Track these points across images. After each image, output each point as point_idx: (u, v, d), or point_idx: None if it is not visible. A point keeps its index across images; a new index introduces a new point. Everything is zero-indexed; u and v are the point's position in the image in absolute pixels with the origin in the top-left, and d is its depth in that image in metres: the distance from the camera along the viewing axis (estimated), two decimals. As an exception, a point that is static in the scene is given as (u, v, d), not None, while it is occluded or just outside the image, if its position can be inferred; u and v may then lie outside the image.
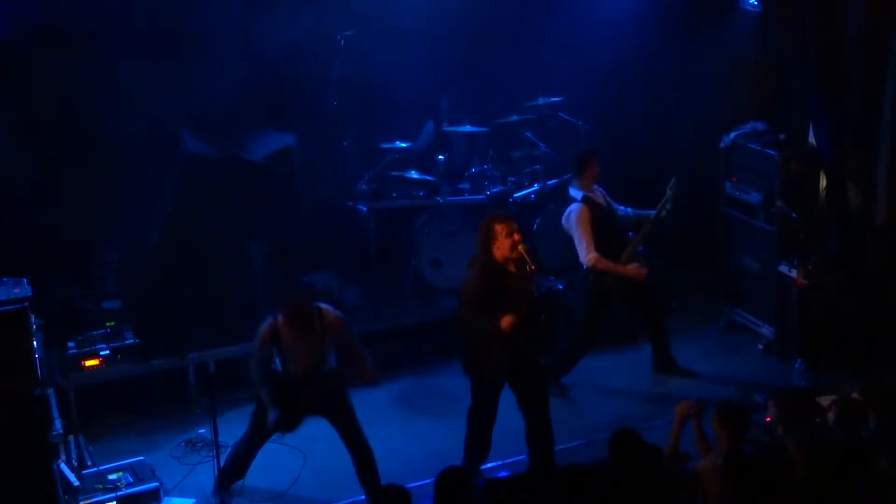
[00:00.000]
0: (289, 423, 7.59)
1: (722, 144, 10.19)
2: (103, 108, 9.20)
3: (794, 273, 9.44)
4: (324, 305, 7.57)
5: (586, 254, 8.90)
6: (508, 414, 7.93)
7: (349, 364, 7.57)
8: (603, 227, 8.97)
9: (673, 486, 6.33)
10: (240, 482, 7.85)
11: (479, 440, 7.87)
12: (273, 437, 7.74)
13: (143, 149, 9.47)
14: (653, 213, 9.11)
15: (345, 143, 10.72)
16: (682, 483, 6.41)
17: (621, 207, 9.36)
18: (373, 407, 9.06)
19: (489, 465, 8.06)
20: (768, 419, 7.06)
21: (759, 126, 10.09)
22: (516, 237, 7.45)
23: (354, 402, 7.73)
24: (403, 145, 10.52)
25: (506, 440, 8.08)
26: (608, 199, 9.25)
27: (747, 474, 6.13)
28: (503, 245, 7.48)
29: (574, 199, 9.02)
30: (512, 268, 7.53)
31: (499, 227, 7.50)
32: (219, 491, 7.72)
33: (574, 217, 8.96)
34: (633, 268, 8.93)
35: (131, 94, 9.23)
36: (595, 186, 9.18)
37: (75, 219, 9.36)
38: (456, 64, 10.86)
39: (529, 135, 10.92)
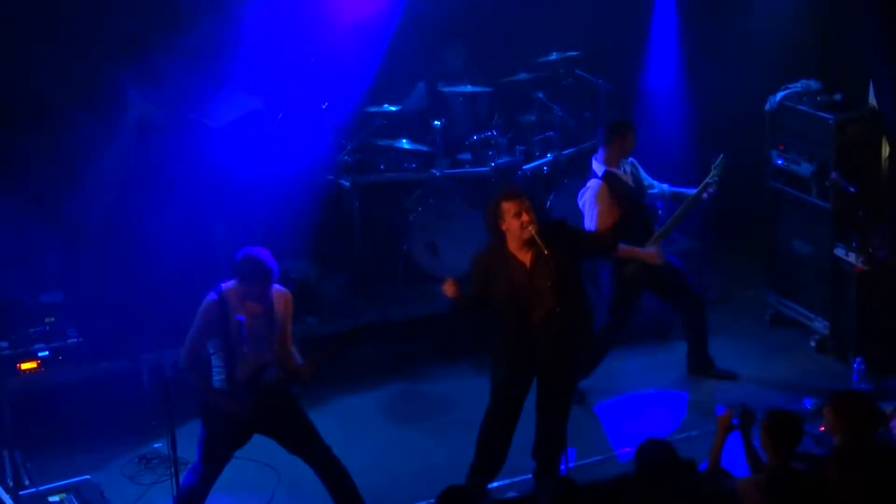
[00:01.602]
0: (238, 438, 7.58)
1: (768, 106, 10.22)
2: (36, 64, 9.22)
3: (851, 257, 9.48)
4: (274, 285, 7.51)
5: None
6: (519, 426, 8.01)
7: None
8: (626, 211, 8.99)
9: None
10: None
11: (489, 451, 7.92)
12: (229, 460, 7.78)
13: (85, 113, 9.49)
14: (693, 191, 9.15)
15: (323, 107, 10.75)
16: (720, 503, 6.46)
17: (657, 183, 9.39)
18: (358, 415, 9.13)
19: (495, 484, 8.13)
20: (822, 428, 7.11)
21: (812, 85, 10.11)
22: (525, 217, 7.49)
23: (338, 409, 7.77)
24: (393, 109, 10.55)
25: (514, 455, 8.14)
26: (640, 175, 9.26)
27: (795, 493, 6.17)
28: (512, 226, 7.53)
29: (594, 175, 9.07)
30: (526, 255, 7.57)
31: (506, 206, 7.55)
32: None
33: (590, 195, 9.00)
34: (647, 251, 8.99)
35: (69, 48, 9.26)
36: (629, 160, 9.21)
37: (6, 197, 9.39)
38: (455, 12, 10.89)
39: (541, 96, 10.96)
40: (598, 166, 9.09)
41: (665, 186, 9.41)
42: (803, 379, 9.44)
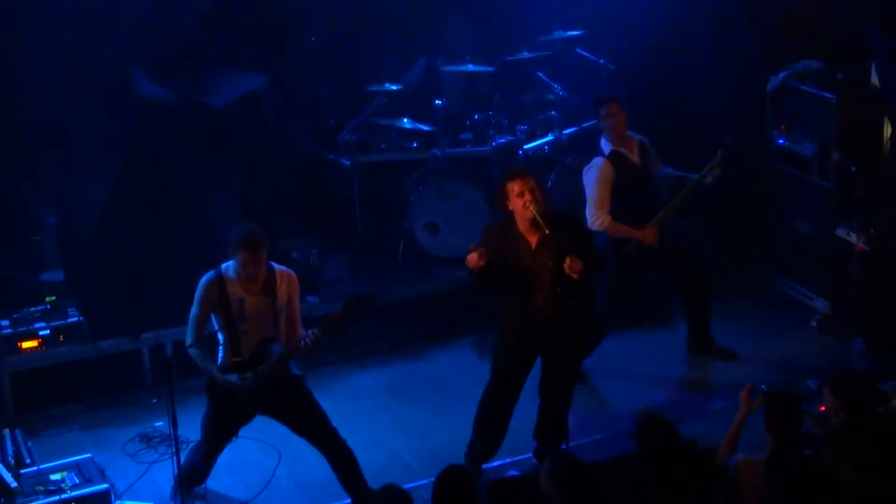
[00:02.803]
0: (241, 416, 7.61)
1: (769, 86, 10.21)
2: (39, 44, 9.21)
3: (853, 237, 9.48)
4: (275, 264, 7.54)
5: (595, 216, 8.95)
6: (519, 405, 8.01)
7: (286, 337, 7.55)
8: (632, 190, 9.00)
9: (712, 486, 6.40)
10: (202, 486, 7.91)
11: (487, 430, 7.94)
12: (232, 438, 7.80)
13: (88, 93, 9.49)
14: (695, 176, 9.16)
15: (324, 86, 10.74)
16: (722, 482, 6.47)
17: (668, 169, 9.39)
18: (359, 395, 9.15)
19: (496, 463, 8.14)
20: (822, 408, 7.12)
21: (814, 64, 10.10)
22: (528, 196, 7.48)
23: (339, 389, 7.79)
24: (394, 88, 10.54)
25: (516, 435, 8.16)
26: (649, 155, 9.24)
27: (797, 473, 6.18)
28: (516, 206, 7.53)
29: (601, 153, 9.06)
30: (532, 237, 7.56)
31: (511, 185, 7.55)
32: (178, 495, 7.78)
33: (592, 173, 9.00)
34: (643, 232, 8.99)
35: (73, 29, 9.25)
36: (638, 138, 9.19)
37: (7, 175, 9.40)
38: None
39: (542, 75, 10.94)
40: (605, 145, 9.08)
41: (669, 170, 9.39)
42: (804, 359, 9.44)
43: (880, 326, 9.34)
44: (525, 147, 10.62)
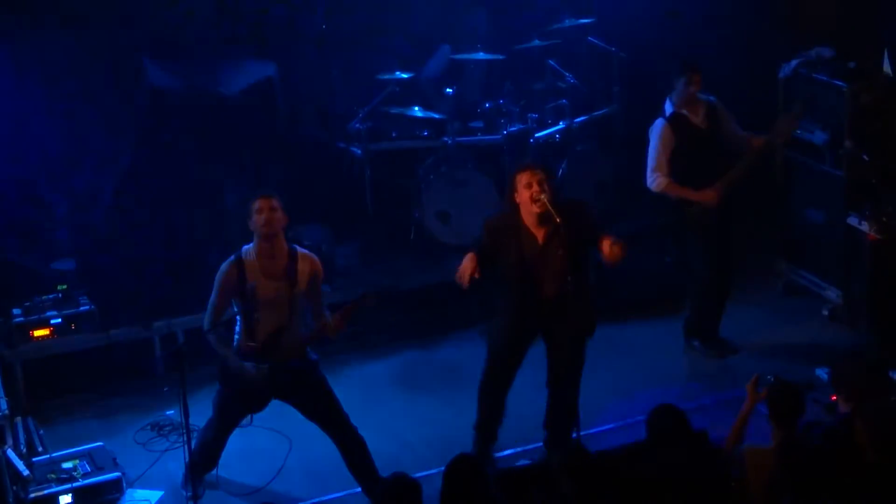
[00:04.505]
0: (255, 401, 7.64)
1: (781, 74, 10.18)
2: (49, 33, 9.23)
3: (864, 226, 9.46)
4: (298, 248, 7.54)
5: (652, 178, 8.93)
6: (529, 396, 8.03)
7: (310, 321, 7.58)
8: (694, 152, 8.94)
9: (724, 476, 6.41)
10: (214, 472, 7.95)
11: (487, 411, 8.00)
12: (243, 421, 7.83)
13: (99, 81, 9.50)
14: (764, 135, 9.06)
15: (335, 74, 10.74)
16: (735, 469, 6.48)
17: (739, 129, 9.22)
18: (369, 383, 9.17)
19: (507, 452, 8.17)
20: (833, 397, 7.12)
21: (826, 52, 10.07)
22: (536, 188, 7.48)
23: (350, 378, 7.80)
24: (405, 76, 10.54)
25: (527, 424, 8.19)
26: (718, 117, 9.09)
27: (806, 461, 6.19)
28: (523, 197, 7.54)
29: (663, 114, 9.04)
30: (538, 227, 7.57)
31: (519, 177, 7.56)
32: (189, 482, 7.81)
33: (653, 136, 8.99)
34: (703, 192, 8.92)
35: (83, 17, 9.26)
36: (707, 99, 9.08)
37: (19, 165, 9.42)
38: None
39: (553, 63, 10.94)
40: (668, 106, 9.05)
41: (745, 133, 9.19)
42: (815, 348, 9.43)
43: (892, 315, 9.33)
44: (536, 135, 10.61)
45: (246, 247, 7.43)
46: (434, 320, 10.07)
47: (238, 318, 7.44)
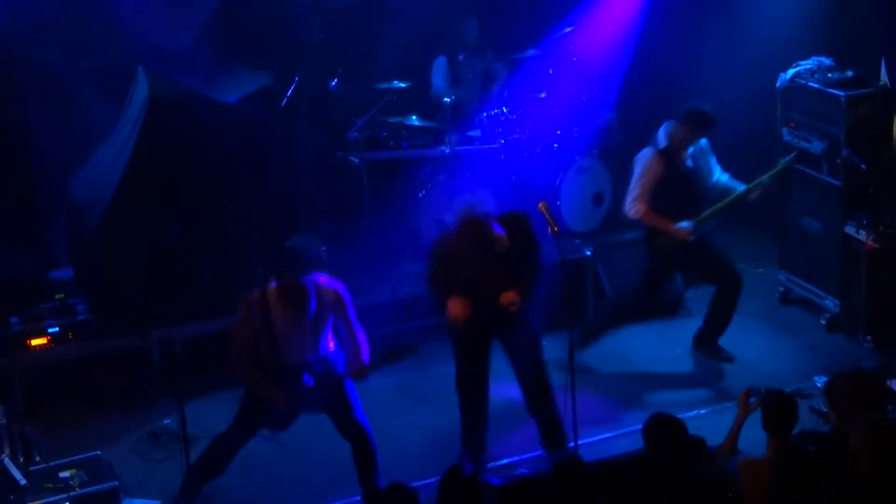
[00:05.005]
0: (282, 421, 7.68)
1: (779, 83, 10.19)
2: (47, 43, 9.23)
3: (862, 235, 9.48)
4: (320, 278, 7.56)
5: (631, 204, 9.03)
6: (524, 405, 8.02)
7: (343, 350, 7.66)
8: (673, 190, 9.02)
9: (721, 486, 6.41)
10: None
11: (471, 414, 8.07)
12: (262, 433, 7.86)
13: (95, 91, 9.50)
14: (742, 187, 9.22)
15: (333, 83, 10.75)
16: (730, 481, 6.48)
17: (719, 171, 9.36)
18: (366, 393, 9.11)
19: (505, 461, 8.18)
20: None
21: (824, 62, 10.08)
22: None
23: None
24: (402, 85, 10.55)
25: (525, 434, 8.20)
26: (705, 159, 9.25)
27: (801, 471, 6.19)
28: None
29: (656, 145, 9.11)
30: (476, 246, 7.72)
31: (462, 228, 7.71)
32: (187, 492, 7.81)
33: (639, 164, 9.07)
34: (677, 228, 9.01)
35: (81, 25, 9.27)
36: (699, 142, 9.19)
37: (16, 174, 9.42)
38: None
39: (552, 72, 10.94)
40: (662, 139, 9.11)
41: (724, 178, 9.35)
42: (813, 357, 9.45)
43: (890, 324, 9.34)
44: (533, 144, 10.62)
45: (271, 282, 7.49)
46: (432, 329, 10.05)
47: (263, 345, 7.50)
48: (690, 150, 9.13)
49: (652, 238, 9.23)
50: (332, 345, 7.63)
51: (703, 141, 9.24)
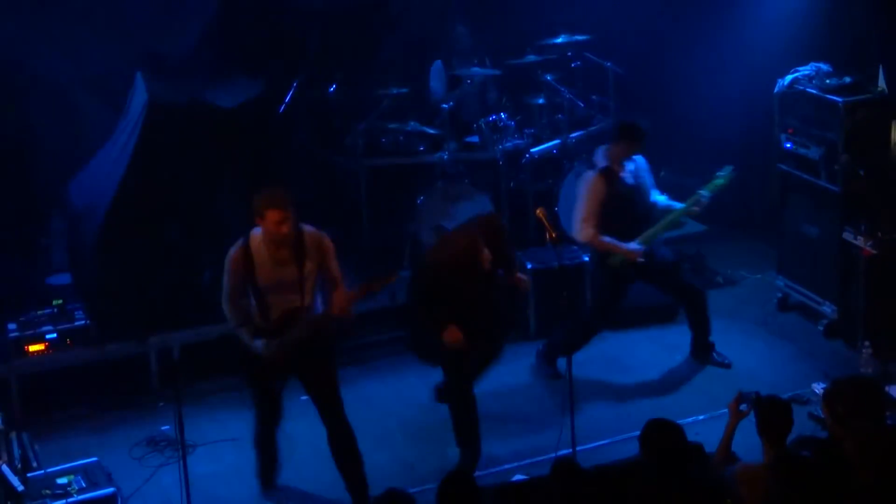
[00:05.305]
0: (272, 376, 7.67)
1: (777, 89, 10.20)
2: (45, 48, 9.24)
3: (860, 241, 9.48)
4: (306, 226, 7.55)
5: (580, 228, 9.02)
6: (524, 411, 8.02)
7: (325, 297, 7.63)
8: (619, 208, 9.02)
9: (719, 492, 6.41)
10: (206, 488, 7.97)
11: (465, 416, 8.14)
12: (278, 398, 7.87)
13: (94, 96, 9.51)
14: (680, 206, 9.21)
15: (331, 89, 10.76)
16: (727, 488, 6.48)
17: (655, 193, 9.38)
18: (365, 399, 9.15)
19: (503, 467, 8.17)
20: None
21: (823, 67, 10.08)
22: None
23: (347, 393, 7.79)
24: (400, 91, 10.56)
25: (522, 439, 8.18)
26: (644, 177, 9.24)
27: (797, 478, 6.19)
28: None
29: (596, 166, 9.10)
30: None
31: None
32: (264, 491, 7.98)
33: (583, 186, 9.06)
34: (627, 248, 9.02)
35: (81, 31, 9.27)
36: (635, 158, 9.19)
37: (15, 179, 9.42)
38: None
39: (549, 78, 10.96)
40: (600, 159, 9.12)
41: (661, 199, 9.37)
42: (811, 363, 9.44)
43: (888, 330, 9.34)
44: (532, 150, 10.64)
45: (256, 230, 7.43)
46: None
47: (252, 298, 7.49)
48: (631, 168, 9.12)
49: (602, 258, 9.18)
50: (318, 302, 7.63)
51: (642, 160, 9.23)
